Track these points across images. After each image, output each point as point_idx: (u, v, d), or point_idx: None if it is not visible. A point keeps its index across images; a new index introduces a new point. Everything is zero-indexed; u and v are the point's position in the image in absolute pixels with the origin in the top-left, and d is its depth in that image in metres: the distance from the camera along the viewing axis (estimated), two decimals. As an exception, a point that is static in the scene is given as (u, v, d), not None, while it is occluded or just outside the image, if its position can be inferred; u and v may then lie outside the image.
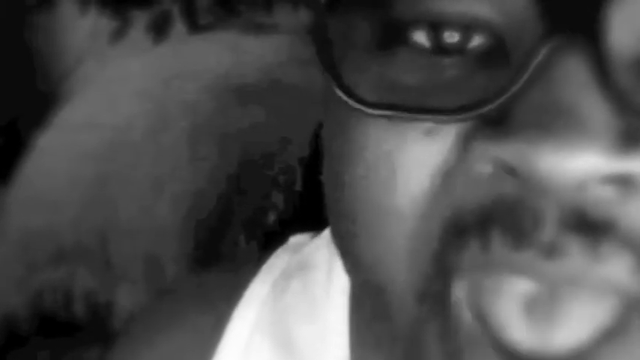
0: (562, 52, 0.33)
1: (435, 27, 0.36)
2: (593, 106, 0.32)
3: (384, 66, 0.36)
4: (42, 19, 1.65)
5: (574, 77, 0.33)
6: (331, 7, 0.36)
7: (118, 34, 1.54)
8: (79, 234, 1.37)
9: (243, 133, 1.37)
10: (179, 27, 1.52)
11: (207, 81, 1.43)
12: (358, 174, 0.37)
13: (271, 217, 1.30)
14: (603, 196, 0.33)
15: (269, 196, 1.31)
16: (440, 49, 0.36)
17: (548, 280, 0.34)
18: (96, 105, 1.50)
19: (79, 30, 1.62)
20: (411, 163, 0.35)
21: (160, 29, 1.51)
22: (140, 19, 1.54)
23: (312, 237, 0.56)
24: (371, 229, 0.37)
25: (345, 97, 0.36)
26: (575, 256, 0.33)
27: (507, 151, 0.33)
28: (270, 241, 1.26)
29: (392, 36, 0.36)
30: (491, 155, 0.34)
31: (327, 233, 0.52)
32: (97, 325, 1.33)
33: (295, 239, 0.56)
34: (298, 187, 1.32)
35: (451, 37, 0.36)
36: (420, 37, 0.36)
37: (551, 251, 0.33)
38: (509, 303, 0.34)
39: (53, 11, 1.64)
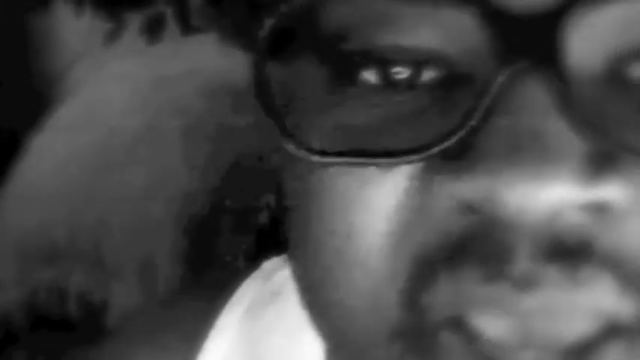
0: (521, 78, 0.31)
1: (385, 64, 0.34)
2: (559, 132, 0.31)
3: (333, 108, 0.35)
4: (37, 20, 1.65)
5: (535, 104, 0.31)
6: (272, 49, 0.34)
7: (113, 36, 1.54)
8: (73, 233, 1.37)
9: (235, 133, 1.37)
10: (173, 29, 1.52)
11: (200, 82, 1.44)
12: (317, 220, 0.35)
13: (264, 217, 1.30)
14: (577, 222, 0.31)
15: (261, 195, 1.31)
16: (391, 86, 0.34)
17: (525, 313, 0.32)
18: (90, 105, 1.50)
19: (74, 32, 1.62)
20: (370, 205, 0.34)
21: (153, 31, 1.51)
22: (134, 21, 1.54)
23: (285, 262, 0.52)
24: (333, 274, 0.35)
25: (291, 147, 0.34)
26: (552, 286, 0.31)
27: (469, 188, 0.31)
28: (263, 240, 1.27)
29: (340, 76, 0.34)
30: (453, 193, 0.32)
31: None
32: (91, 324, 1.33)
33: (268, 264, 0.54)
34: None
35: (401, 72, 0.34)
36: (370, 76, 0.34)
37: (525, 283, 0.31)
38: (486, 334, 0.32)
39: (48, 13, 1.64)
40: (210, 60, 1.49)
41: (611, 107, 0.32)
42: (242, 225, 1.29)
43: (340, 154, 0.33)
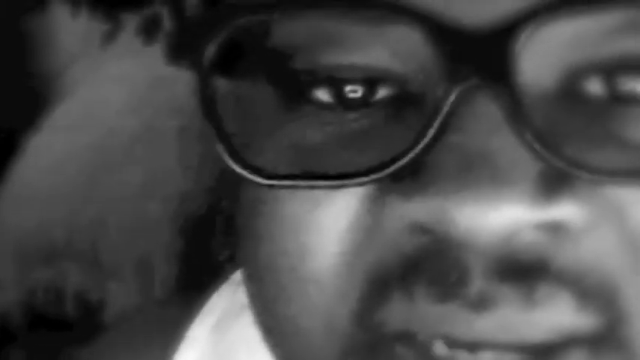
0: (472, 96, 0.30)
1: (337, 82, 0.33)
2: (511, 151, 0.30)
3: (283, 128, 0.34)
4: (34, 21, 1.65)
5: (487, 122, 0.30)
6: (219, 66, 0.33)
7: (109, 37, 1.54)
8: (70, 233, 1.37)
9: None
10: (169, 30, 1.52)
11: (195, 83, 1.43)
12: (268, 240, 0.34)
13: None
14: (531, 241, 0.30)
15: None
16: (343, 104, 0.33)
17: (479, 334, 0.31)
18: (87, 106, 1.50)
19: (71, 33, 1.62)
20: (321, 226, 0.33)
21: (150, 32, 1.51)
22: (130, 22, 1.54)
23: None
24: (285, 295, 0.34)
25: (242, 172, 0.33)
26: (508, 306, 0.31)
27: (421, 210, 0.30)
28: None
29: (291, 95, 0.34)
30: (404, 214, 0.31)
31: None
32: (88, 322, 1.33)
33: (237, 275, 0.51)
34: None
35: (354, 91, 0.33)
36: (322, 94, 0.33)
37: (479, 304, 0.31)
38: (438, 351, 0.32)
39: (45, 14, 1.64)
40: (206, 60, 1.49)
41: (565, 124, 0.31)
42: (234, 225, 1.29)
43: (289, 177, 0.33)
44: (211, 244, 1.29)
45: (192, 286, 1.29)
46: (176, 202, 1.34)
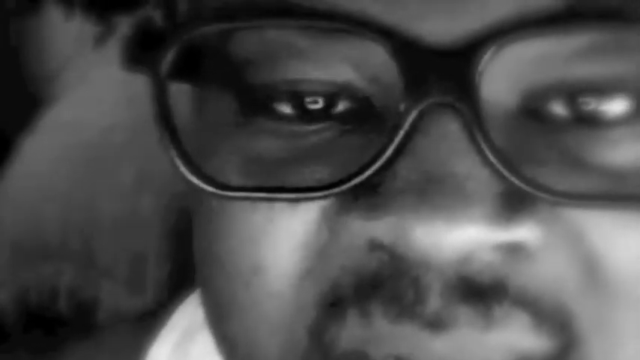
0: (432, 114, 0.30)
1: (297, 94, 0.32)
2: (470, 171, 0.29)
3: (242, 139, 0.33)
4: (28, 24, 1.64)
5: (446, 142, 0.29)
6: (174, 74, 0.32)
7: (102, 39, 1.53)
8: (64, 232, 1.37)
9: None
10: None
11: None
12: (224, 251, 0.33)
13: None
14: (489, 261, 0.30)
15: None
16: (303, 116, 0.32)
17: (435, 354, 0.31)
18: (81, 107, 1.50)
19: (65, 35, 1.61)
20: (277, 239, 0.32)
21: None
22: (123, 26, 1.53)
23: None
24: (241, 308, 0.33)
25: (197, 183, 0.32)
26: (465, 327, 0.30)
27: (379, 228, 0.30)
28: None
29: (250, 106, 0.33)
30: (362, 232, 0.31)
31: None
32: (82, 321, 1.33)
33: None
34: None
35: (314, 102, 0.32)
36: (283, 106, 0.33)
37: (437, 323, 0.30)
38: None
39: (39, 16, 1.64)
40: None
41: (526, 145, 0.31)
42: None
43: (245, 189, 0.32)
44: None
45: (185, 284, 1.29)
46: (169, 202, 1.33)
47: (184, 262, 1.31)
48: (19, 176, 1.46)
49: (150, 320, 0.50)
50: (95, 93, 1.50)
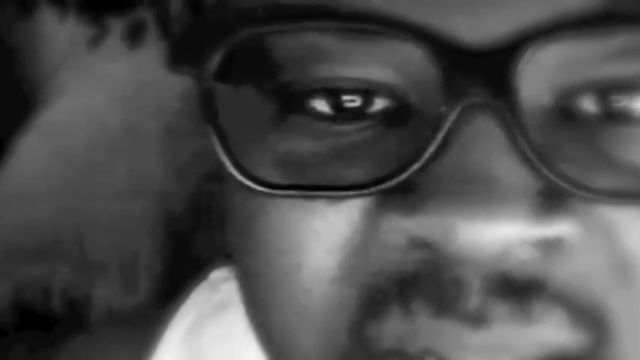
0: (471, 114, 0.30)
1: (335, 93, 0.32)
2: (509, 169, 0.29)
3: (283, 138, 0.33)
4: (22, 26, 1.64)
5: (486, 141, 0.30)
6: (221, 76, 0.32)
7: (95, 41, 1.53)
8: (57, 231, 1.37)
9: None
10: (153, 34, 1.52)
11: (181, 85, 1.44)
12: (264, 248, 0.33)
13: (241, 215, 1.30)
14: (528, 258, 0.30)
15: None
16: (341, 114, 0.32)
17: (475, 349, 0.31)
18: (74, 108, 1.50)
19: (58, 37, 1.61)
20: (317, 237, 0.32)
21: (135, 36, 1.51)
22: (116, 27, 1.53)
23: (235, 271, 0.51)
24: (281, 304, 0.33)
25: (241, 179, 0.32)
26: (505, 322, 0.30)
27: (420, 225, 0.30)
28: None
29: (290, 105, 0.33)
30: (403, 229, 0.31)
31: None
32: (75, 318, 1.33)
33: (216, 274, 0.51)
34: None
35: (352, 101, 0.32)
36: (320, 105, 0.32)
37: (477, 320, 0.30)
38: None
39: (33, 18, 1.64)
40: (189, 64, 1.49)
41: (562, 142, 0.31)
42: (220, 222, 1.29)
43: (289, 187, 0.32)
44: (194, 242, 1.30)
45: (176, 283, 1.30)
46: (160, 201, 1.34)
47: (176, 261, 1.31)
48: (13, 177, 1.46)
49: (158, 309, 0.51)
50: (89, 94, 1.50)
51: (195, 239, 1.31)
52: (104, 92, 1.48)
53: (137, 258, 1.33)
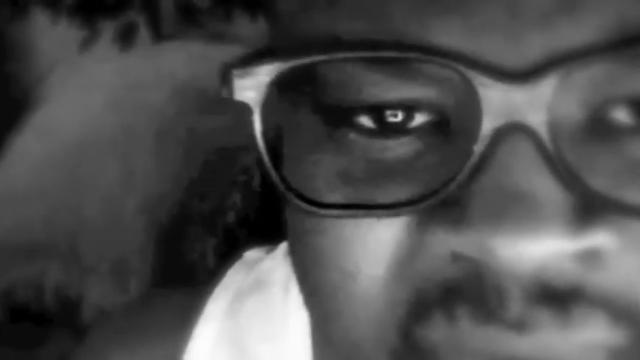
0: (507, 135, 0.31)
1: (377, 108, 0.33)
2: (545, 187, 0.30)
3: (329, 155, 0.34)
4: (15, 28, 1.65)
5: (522, 161, 0.30)
6: (273, 101, 0.33)
7: (87, 43, 1.53)
8: (50, 232, 1.37)
9: (204, 136, 1.37)
10: (144, 37, 1.52)
11: (171, 88, 1.44)
12: (317, 258, 0.35)
13: (231, 215, 1.31)
14: (566, 269, 0.31)
15: (229, 195, 1.32)
16: (384, 129, 0.33)
17: (520, 353, 0.31)
18: (67, 110, 1.50)
19: (50, 39, 1.61)
20: (366, 249, 0.33)
21: (126, 39, 1.51)
22: (108, 29, 1.54)
23: (267, 252, 0.53)
24: (336, 310, 0.35)
25: (294, 200, 0.33)
26: (547, 327, 0.31)
27: (463, 242, 0.31)
28: (230, 238, 1.28)
29: (335, 121, 0.34)
30: (445, 245, 0.32)
31: (282, 248, 0.50)
32: (67, 317, 1.33)
33: (250, 254, 0.53)
34: (256, 186, 1.33)
35: (394, 115, 0.33)
36: (364, 120, 0.33)
37: (520, 325, 0.31)
38: None
39: (26, 21, 1.64)
40: (180, 66, 1.49)
41: (595, 156, 0.32)
42: (210, 224, 1.30)
43: (339, 206, 0.33)
44: (186, 243, 1.30)
45: (166, 282, 1.30)
46: (152, 202, 1.34)
47: (165, 260, 1.32)
48: (6, 177, 1.46)
49: (200, 285, 0.52)
50: (80, 96, 1.50)
51: (184, 240, 1.31)
52: (96, 94, 1.48)
53: (128, 258, 1.33)
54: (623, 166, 0.32)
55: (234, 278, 0.52)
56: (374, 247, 0.33)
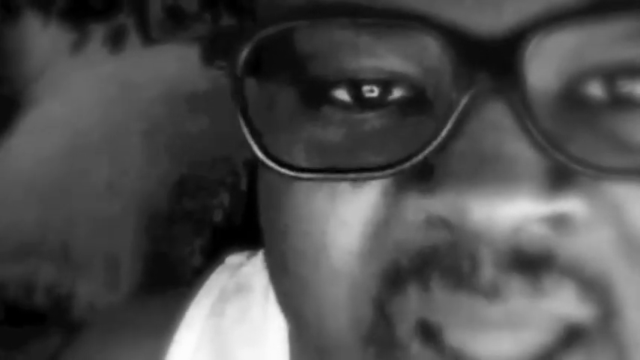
0: (482, 99, 0.30)
1: (355, 83, 0.33)
2: (519, 150, 0.30)
3: (307, 126, 0.34)
4: (7, 31, 1.64)
5: (496, 123, 0.30)
6: (249, 70, 0.33)
7: (78, 46, 1.53)
8: (41, 230, 1.37)
9: (192, 137, 1.37)
10: (134, 39, 1.52)
11: (160, 89, 1.44)
12: (292, 230, 0.34)
13: (218, 215, 1.31)
14: (538, 233, 0.31)
15: (216, 195, 1.32)
16: (361, 104, 0.33)
17: (490, 321, 0.31)
18: (58, 111, 1.50)
19: (42, 41, 1.61)
20: (341, 219, 0.33)
21: (116, 41, 1.51)
22: (98, 32, 1.54)
23: (249, 257, 0.52)
24: (309, 282, 0.34)
25: (270, 164, 0.33)
26: (518, 295, 0.31)
27: (437, 204, 0.31)
28: (217, 237, 1.28)
29: (313, 95, 0.34)
30: (421, 208, 0.31)
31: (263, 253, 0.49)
32: (59, 315, 1.33)
33: (232, 259, 0.53)
34: (243, 186, 1.33)
35: (371, 91, 0.33)
36: (342, 94, 0.33)
37: (492, 292, 0.31)
38: (456, 334, 0.32)
39: (17, 24, 1.63)
40: (169, 69, 1.49)
41: (569, 125, 0.32)
42: (198, 223, 1.30)
43: (315, 170, 0.33)
44: (174, 242, 1.30)
45: (157, 281, 1.30)
46: (142, 202, 1.34)
47: (156, 259, 1.32)
48: (-2, 177, 1.46)
49: (181, 289, 0.52)
50: (71, 97, 1.50)
51: (174, 238, 1.31)
52: (86, 95, 1.48)
53: (119, 256, 1.33)
54: (597, 137, 0.32)
55: (215, 283, 0.51)
56: (348, 217, 0.33)
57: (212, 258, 0.54)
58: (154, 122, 1.40)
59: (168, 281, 1.25)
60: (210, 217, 1.30)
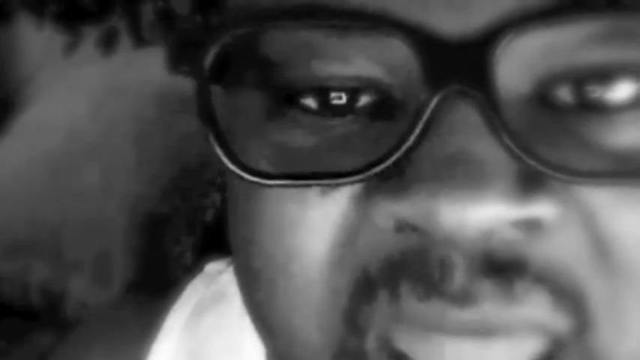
0: (451, 102, 0.30)
1: (322, 91, 0.32)
2: (490, 152, 0.29)
3: (274, 132, 0.33)
4: (0, 33, 1.64)
5: (466, 126, 0.30)
6: (215, 75, 0.32)
7: (71, 48, 1.54)
8: (34, 229, 1.37)
9: (184, 138, 1.37)
10: (126, 42, 1.53)
11: (152, 91, 1.44)
12: (261, 238, 0.33)
13: (209, 214, 1.31)
14: (509, 239, 0.30)
15: (207, 195, 1.32)
16: (329, 111, 0.32)
17: (464, 330, 0.30)
18: (50, 112, 1.50)
19: (35, 44, 1.61)
20: (311, 226, 0.32)
21: (108, 44, 1.51)
22: (90, 35, 1.54)
23: (228, 264, 0.51)
24: (279, 292, 0.33)
25: (237, 171, 0.32)
26: (489, 302, 0.30)
27: (406, 208, 0.30)
28: (209, 237, 1.28)
29: (280, 102, 0.33)
30: (391, 213, 0.31)
31: None
32: (52, 313, 1.33)
33: (211, 267, 0.52)
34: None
35: (339, 98, 0.32)
36: (309, 101, 0.32)
37: (463, 299, 0.30)
38: (426, 351, 0.31)
39: (10, 26, 1.64)
40: (160, 70, 1.49)
41: (539, 128, 0.31)
42: (189, 223, 1.30)
43: (281, 176, 0.32)
44: (165, 241, 1.30)
45: (148, 280, 1.30)
46: (133, 202, 1.34)
47: (147, 258, 1.32)
48: (-8, 177, 1.45)
49: (158, 298, 0.50)
50: (64, 99, 1.50)
51: (164, 238, 1.31)
52: (79, 97, 1.48)
53: (110, 255, 1.33)
54: (568, 141, 0.31)
55: (193, 292, 0.50)
56: (318, 224, 0.32)
57: (203, 257, 0.54)
58: (145, 123, 1.40)
59: (160, 280, 1.25)
60: (202, 217, 1.30)
